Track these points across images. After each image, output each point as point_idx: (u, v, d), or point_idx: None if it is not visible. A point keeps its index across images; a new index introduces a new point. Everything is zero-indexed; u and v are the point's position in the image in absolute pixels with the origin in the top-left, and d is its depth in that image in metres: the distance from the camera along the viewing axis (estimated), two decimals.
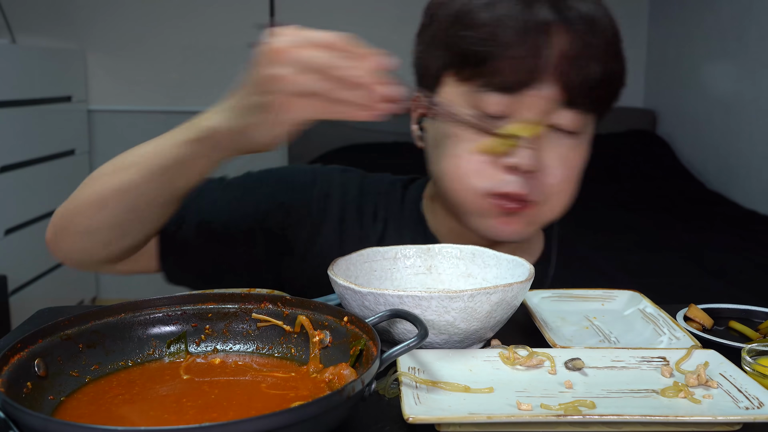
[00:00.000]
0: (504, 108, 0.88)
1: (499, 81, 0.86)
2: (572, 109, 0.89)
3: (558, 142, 0.92)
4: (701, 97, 3.17)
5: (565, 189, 0.94)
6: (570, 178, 0.94)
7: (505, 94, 0.87)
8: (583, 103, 0.89)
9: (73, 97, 3.21)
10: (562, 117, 0.89)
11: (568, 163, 0.93)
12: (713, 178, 3.08)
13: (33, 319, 0.86)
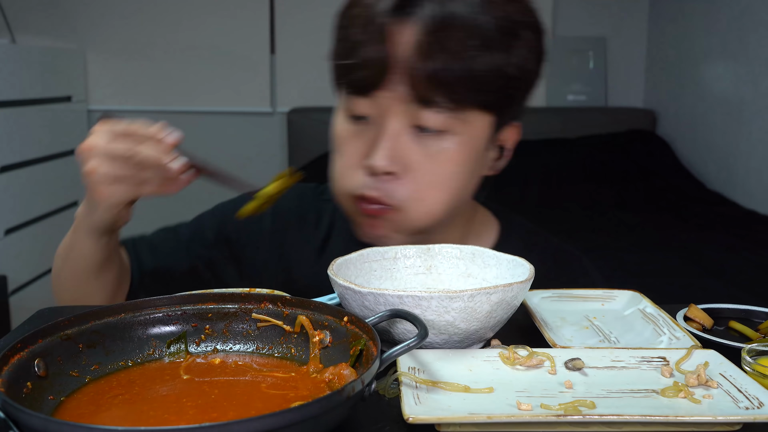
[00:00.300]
0: (368, 110, 0.90)
1: (354, 83, 0.89)
2: (431, 107, 0.87)
3: (423, 143, 0.89)
4: (701, 97, 3.17)
5: (429, 196, 0.91)
6: (437, 183, 0.91)
7: (364, 96, 0.89)
8: (440, 102, 0.87)
9: (72, 97, 3.21)
10: (423, 116, 0.88)
11: (435, 165, 0.90)
12: (713, 178, 3.08)
13: (33, 319, 0.86)
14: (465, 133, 0.90)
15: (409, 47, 0.85)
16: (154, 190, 0.82)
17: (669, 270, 2.13)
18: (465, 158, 0.91)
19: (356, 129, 0.93)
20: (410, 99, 0.87)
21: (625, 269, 2.14)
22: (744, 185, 2.84)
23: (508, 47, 0.88)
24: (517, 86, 0.92)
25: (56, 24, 3.29)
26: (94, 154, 0.80)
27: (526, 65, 0.91)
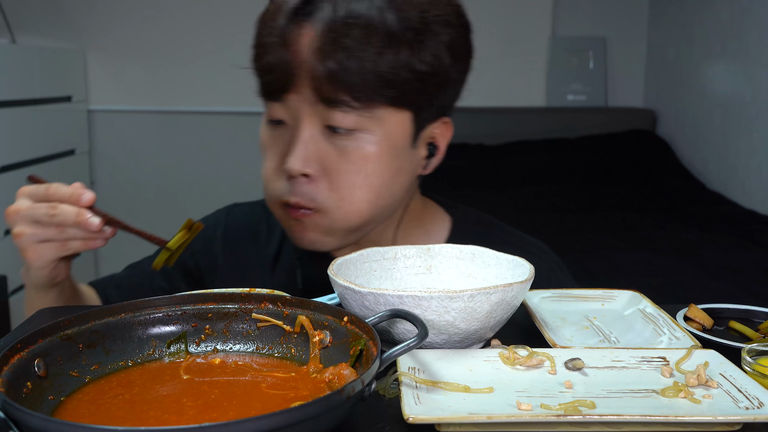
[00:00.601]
0: (283, 114, 0.91)
1: (265, 88, 0.90)
2: (337, 107, 0.87)
3: (337, 144, 0.90)
4: (701, 97, 3.17)
5: (354, 194, 0.91)
6: (358, 183, 0.90)
7: (276, 101, 0.90)
8: (345, 101, 0.87)
9: (73, 97, 3.21)
10: (332, 117, 0.88)
11: (351, 165, 0.90)
12: (713, 178, 3.08)
13: (33, 319, 0.86)
14: (379, 131, 0.90)
15: (309, 49, 0.86)
16: (78, 247, 0.85)
17: (669, 270, 2.13)
18: (382, 156, 0.91)
19: (275, 134, 0.93)
20: (317, 100, 0.87)
21: (625, 269, 2.14)
22: (744, 185, 2.84)
23: (417, 44, 0.87)
24: (431, 82, 0.90)
25: (56, 24, 3.29)
26: (18, 219, 0.84)
27: (441, 61, 0.90)
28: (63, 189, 0.83)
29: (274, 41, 0.87)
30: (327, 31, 0.85)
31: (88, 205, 0.82)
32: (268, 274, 1.07)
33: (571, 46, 3.55)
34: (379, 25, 0.86)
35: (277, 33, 0.87)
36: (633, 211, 2.81)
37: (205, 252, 1.10)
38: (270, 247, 1.09)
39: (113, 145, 3.42)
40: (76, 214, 0.82)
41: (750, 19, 2.81)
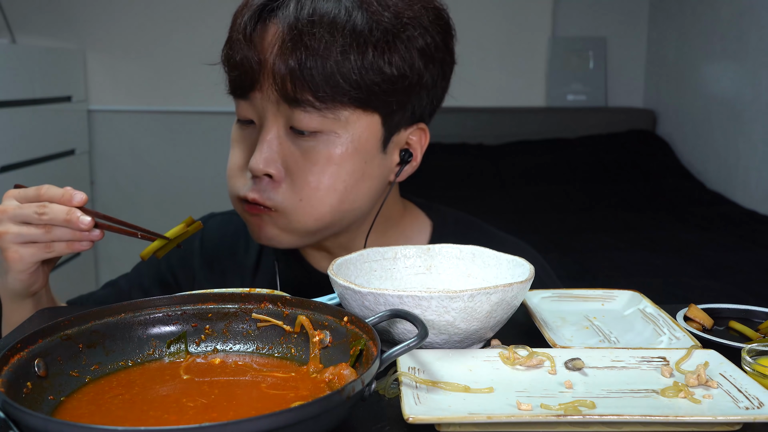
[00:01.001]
0: (248, 113, 0.91)
1: (231, 85, 0.90)
2: (299, 107, 0.86)
3: (300, 145, 0.89)
4: (701, 97, 3.17)
5: (311, 197, 0.89)
6: (320, 184, 0.89)
7: (242, 99, 0.90)
8: (308, 101, 0.85)
9: (73, 97, 3.21)
10: (295, 117, 0.87)
11: (314, 167, 0.88)
12: (713, 178, 3.08)
13: (33, 319, 0.86)
14: (344, 133, 0.88)
15: (273, 47, 0.85)
16: (63, 249, 0.84)
17: (669, 270, 2.13)
18: (346, 159, 0.89)
19: (243, 132, 0.94)
20: (281, 100, 0.87)
21: (625, 269, 2.14)
22: (744, 185, 2.84)
23: (386, 46, 0.86)
24: (400, 86, 0.88)
25: (56, 24, 3.29)
26: (4, 218, 0.84)
27: (413, 65, 0.88)
28: (54, 190, 0.83)
29: (240, 38, 0.87)
30: (290, 29, 0.85)
31: (80, 205, 0.82)
32: (248, 284, 1.06)
33: (571, 46, 3.55)
34: (345, 24, 0.84)
35: (243, 30, 0.87)
36: (633, 211, 2.81)
37: (183, 265, 1.09)
38: (249, 257, 1.08)
39: (113, 145, 3.42)
40: (66, 213, 0.81)
41: (750, 19, 2.81)
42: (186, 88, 3.40)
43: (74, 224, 0.81)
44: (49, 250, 0.85)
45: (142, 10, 3.33)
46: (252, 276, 1.07)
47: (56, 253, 0.85)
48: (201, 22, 3.35)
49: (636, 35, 3.63)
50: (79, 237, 0.83)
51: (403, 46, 0.87)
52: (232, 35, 0.89)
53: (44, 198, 0.83)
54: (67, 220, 0.81)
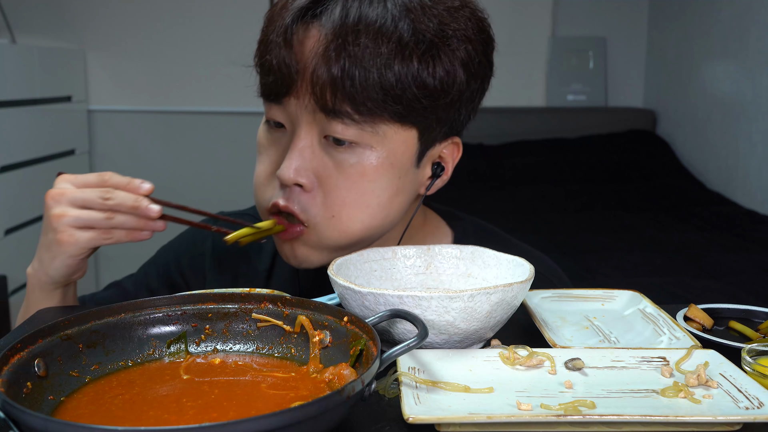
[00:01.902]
0: (281, 118, 0.86)
1: (265, 89, 0.86)
2: (338, 118, 0.81)
3: (335, 156, 0.84)
4: (701, 97, 3.17)
5: (346, 212, 0.85)
6: (350, 200, 0.85)
7: (274, 104, 0.86)
8: (346, 113, 0.81)
9: (73, 97, 3.21)
10: (332, 127, 0.82)
11: (347, 180, 0.84)
12: (713, 178, 3.08)
13: (33, 319, 0.86)
14: (381, 148, 0.84)
15: (313, 52, 0.81)
16: (121, 237, 0.83)
17: (669, 270, 2.13)
18: (381, 174, 0.85)
19: (273, 137, 0.88)
20: (317, 109, 0.82)
21: (625, 269, 2.14)
22: (744, 185, 2.84)
23: (430, 57, 0.81)
24: (441, 100, 0.84)
25: (56, 24, 3.29)
26: (63, 200, 0.82)
27: (455, 78, 0.84)
28: (118, 177, 0.82)
29: (278, 40, 0.82)
30: (335, 35, 0.80)
31: (147, 194, 0.81)
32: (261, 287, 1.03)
33: (571, 46, 3.55)
34: (391, 33, 0.80)
35: (282, 32, 0.82)
36: (633, 211, 2.81)
37: (193, 266, 1.07)
38: (262, 261, 1.05)
39: (113, 145, 3.42)
40: (134, 200, 0.80)
41: (750, 19, 2.81)
42: (186, 88, 3.40)
43: (142, 212, 0.80)
44: (108, 236, 0.82)
45: (142, 10, 3.33)
46: (265, 280, 1.04)
47: (114, 240, 0.83)
48: (201, 22, 3.36)
49: (636, 35, 3.63)
50: (142, 226, 0.82)
51: (447, 58, 0.83)
52: (269, 37, 0.84)
53: (109, 184, 0.81)
54: (135, 206, 0.80)
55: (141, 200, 0.80)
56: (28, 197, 2.81)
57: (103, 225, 0.81)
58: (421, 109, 0.83)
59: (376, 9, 0.80)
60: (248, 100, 3.82)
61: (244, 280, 1.05)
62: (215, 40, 3.36)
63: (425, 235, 1.01)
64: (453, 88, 0.84)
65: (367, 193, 0.85)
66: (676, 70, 3.38)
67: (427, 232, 1.02)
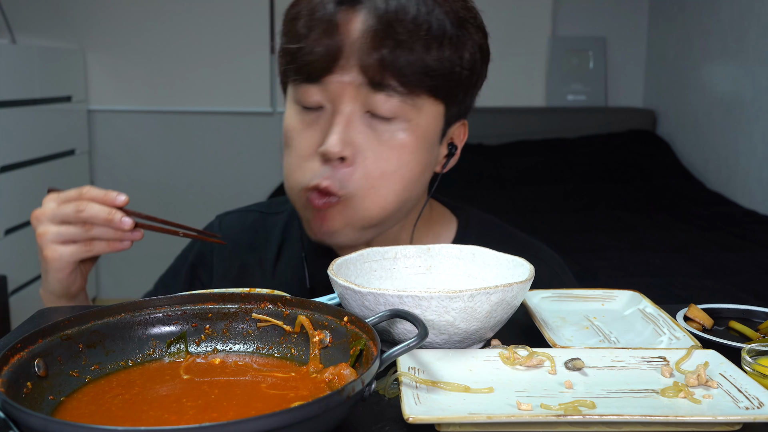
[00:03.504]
0: (318, 97, 0.90)
1: (305, 71, 0.89)
2: (381, 91, 0.88)
3: (375, 128, 0.90)
4: (701, 97, 3.17)
5: (383, 183, 0.91)
6: (389, 172, 0.90)
7: (314, 83, 0.89)
8: (392, 86, 0.87)
9: (73, 97, 3.21)
10: (375, 101, 0.88)
11: (387, 152, 0.90)
12: (713, 178, 3.08)
13: (33, 319, 0.86)
14: (416, 121, 0.90)
15: (359, 32, 0.87)
16: (102, 249, 0.87)
17: (669, 270, 2.13)
18: (416, 147, 0.91)
19: (308, 119, 0.92)
20: (362, 83, 0.88)
21: (625, 269, 2.14)
22: (744, 185, 2.84)
23: (458, 40, 0.90)
24: (466, 79, 0.92)
25: (56, 24, 3.29)
26: (43, 219, 0.87)
27: (475, 61, 0.92)
28: (95, 190, 0.85)
29: (322, 23, 0.87)
30: (379, 18, 0.86)
31: (122, 206, 0.85)
32: (269, 276, 1.07)
33: (571, 46, 3.55)
34: (426, 18, 0.88)
35: (326, 15, 0.87)
36: (633, 211, 2.81)
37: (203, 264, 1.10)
38: (269, 250, 1.08)
39: (113, 145, 3.42)
40: (107, 213, 0.84)
41: (750, 19, 2.81)
42: (186, 88, 3.40)
43: (116, 224, 0.84)
44: (89, 249, 0.86)
45: (142, 10, 3.33)
46: (273, 268, 1.07)
47: (95, 252, 0.87)
48: (201, 22, 3.36)
49: (636, 35, 3.63)
50: (119, 236, 0.86)
51: (469, 42, 0.91)
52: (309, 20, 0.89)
53: (85, 198, 0.85)
54: (109, 219, 0.84)
55: (114, 213, 0.84)
56: (28, 197, 2.81)
57: (82, 238, 0.86)
58: (451, 85, 0.91)
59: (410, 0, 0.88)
60: (248, 100, 3.83)
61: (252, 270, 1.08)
62: (215, 40, 3.36)
63: (433, 221, 1.06)
64: (474, 69, 0.93)
65: (403, 165, 0.91)
66: (676, 70, 3.38)
67: (434, 217, 1.06)
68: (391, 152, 0.90)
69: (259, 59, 3.38)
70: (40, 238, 0.87)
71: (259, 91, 3.41)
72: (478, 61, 0.93)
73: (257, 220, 1.11)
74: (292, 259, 1.07)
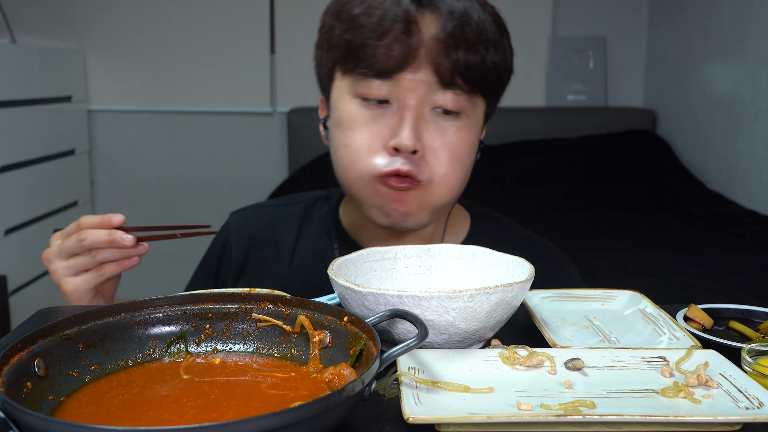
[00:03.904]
0: (385, 92, 0.93)
1: (377, 66, 0.92)
2: (450, 89, 0.93)
3: (441, 124, 0.95)
4: (701, 97, 3.17)
5: (451, 172, 0.96)
6: (455, 161, 0.96)
7: (383, 79, 0.93)
8: (459, 85, 0.93)
9: (73, 97, 3.21)
10: (441, 97, 0.93)
11: (452, 145, 0.95)
12: (713, 178, 3.08)
13: (33, 319, 0.86)
14: (473, 118, 0.97)
15: (433, 33, 0.91)
16: (113, 270, 0.92)
17: (669, 270, 2.12)
18: (473, 140, 0.99)
19: (372, 113, 0.95)
20: (432, 81, 0.92)
21: (625, 269, 2.14)
22: (744, 185, 2.84)
23: (502, 44, 0.97)
24: (506, 79, 1.00)
25: (56, 24, 3.29)
26: (53, 256, 0.91)
27: (510, 61, 0.99)
28: (91, 218, 0.90)
29: (399, 22, 0.91)
30: (453, 22, 0.91)
31: (118, 225, 0.88)
32: (286, 263, 1.09)
33: (571, 46, 3.55)
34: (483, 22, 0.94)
35: (403, 14, 0.91)
36: (633, 211, 2.81)
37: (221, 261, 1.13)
38: (286, 242, 1.11)
39: (113, 145, 3.42)
40: (107, 234, 0.88)
41: (750, 19, 2.81)
42: (186, 88, 3.40)
43: (118, 243, 0.88)
44: (101, 273, 0.91)
45: (142, 10, 3.33)
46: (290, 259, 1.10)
47: (108, 275, 0.91)
48: (201, 22, 3.35)
49: (636, 35, 3.63)
50: (126, 254, 0.90)
51: (507, 44, 0.99)
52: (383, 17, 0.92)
53: (83, 226, 0.89)
54: (110, 241, 0.88)
55: (114, 233, 0.89)
56: (28, 197, 2.81)
57: (91, 265, 0.91)
58: (498, 85, 0.99)
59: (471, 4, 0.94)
60: (248, 100, 3.83)
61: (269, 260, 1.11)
62: (215, 40, 3.35)
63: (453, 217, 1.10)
64: (511, 70, 1.00)
65: (465, 156, 0.98)
66: (676, 70, 3.37)
67: (453, 213, 1.10)
68: (456, 145, 0.96)
69: (259, 59, 3.38)
70: (53, 275, 0.91)
71: (259, 91, 3.41)
72: (510, 62, 1.00)
73: (272, 213, 1.14)
74: (310, 250, 1.10)
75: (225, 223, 1.17)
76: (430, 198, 0.96)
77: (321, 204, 1.15)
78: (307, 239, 1.11)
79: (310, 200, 1.16)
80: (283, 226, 1.13)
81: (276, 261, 1.10)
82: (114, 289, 0.97)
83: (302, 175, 3.04)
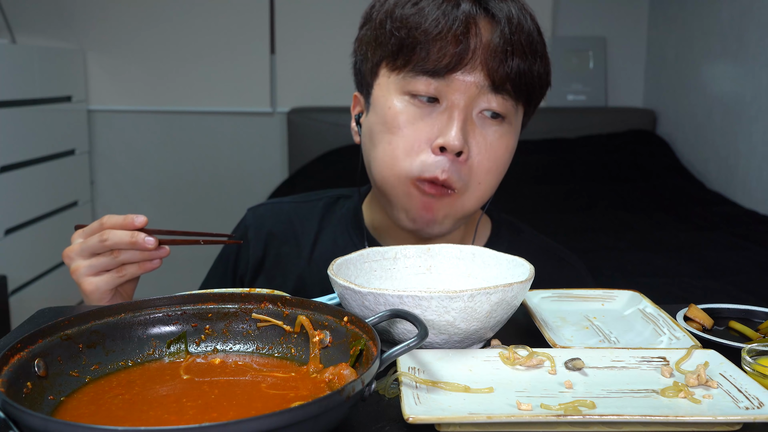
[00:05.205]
0: (434, 90, 0.93)
1: (429, 66, 0.92)
2: (498, 94, 0.94)
3: (485, 129, 0.95)
4: (701, 97, 3.17)
5: (488, 179, 0.97)
6: (493, 169, 0.97)
7: (433, 78, 0.93)
8: (508, 90, 0.94)
9: (73, 97, 3.21)
10: (489, 100, 0.94)
11: (493, 151, 0.96)
12: (713, 178, 3.08)
13: (33, 319, 0.86)
14: (514, 124, 0.99)
15: (489, 37, 0.92)
16: (134, 272, 0.91)
17: (669, 270, 2.12)
18: (512, 149, 1.00)
19: (420, 111, 0.94)
20: (484, 84, 0.93)
21: (625, 269, 2.14)
22: (744, 185, 2.84)
23: (545, 54, 0.98)
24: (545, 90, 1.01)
25: (56, 24, 3.29)
26: (73, 256, 0.90)
27: (550, 74, 1.00)
28: (115, 218, 0.89)
29: (457, 23, 0.91)
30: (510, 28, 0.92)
31: (141, 226, 0.88)
32: (304, 266, 1.09)
33: (571, 46, 3.55)
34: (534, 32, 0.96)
35: (461, 16, 0.91)
36: (633, 211, 2.81)
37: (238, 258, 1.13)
38: (306, 238, 1.11)
39: (113, 145, 3.42)
40: (130, 236, 0.87)
41: (750, 19, 2.81)
42: (186, 88, 3.40)
43: (140, 245, 0.87)
44: (121, 274, 0.90)
45: (142, 10, 3.33)
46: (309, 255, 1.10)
47: (128, 276, 0.90)
48: (201, 22, 3.35)
49: (636, 35, 3.63)
50: (147, 257, 0.89)
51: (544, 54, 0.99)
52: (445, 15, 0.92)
53: (106, 226, 0.88)
54: (133, 242, 0.87)
55: (137, 235, 0.87)
56: (28, 197, 2.81)
57: (112, 265, 0.89)
58: (539, 93, 0.99)
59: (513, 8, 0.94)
60: (248, 100, 3.82)
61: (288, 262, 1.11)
62: (215, 40, 3.35)
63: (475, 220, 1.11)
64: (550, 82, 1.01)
65: (502, 163, 0.98)
66: (676, 70, 3.37)
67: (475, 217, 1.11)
68: (497, 151, 0.96)
69: (259, 59, 3.38)
70: (74, 274, 0.90)
71: (259, 91, 3.41)
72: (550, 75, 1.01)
73: (291, 210, 1.14)
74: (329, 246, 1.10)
75: (242, 218, 1.17)
76: (460, 207, 0.97)
77: (342, 202, 1.14)
78: (328, 236, 1.11)
79: (331, 198, 1.16)
80: (303, 223, 1.13)
81: (295, 257, 1.10)
82: (133, 290, 0.96)
83: (302, 175, 3.04)
